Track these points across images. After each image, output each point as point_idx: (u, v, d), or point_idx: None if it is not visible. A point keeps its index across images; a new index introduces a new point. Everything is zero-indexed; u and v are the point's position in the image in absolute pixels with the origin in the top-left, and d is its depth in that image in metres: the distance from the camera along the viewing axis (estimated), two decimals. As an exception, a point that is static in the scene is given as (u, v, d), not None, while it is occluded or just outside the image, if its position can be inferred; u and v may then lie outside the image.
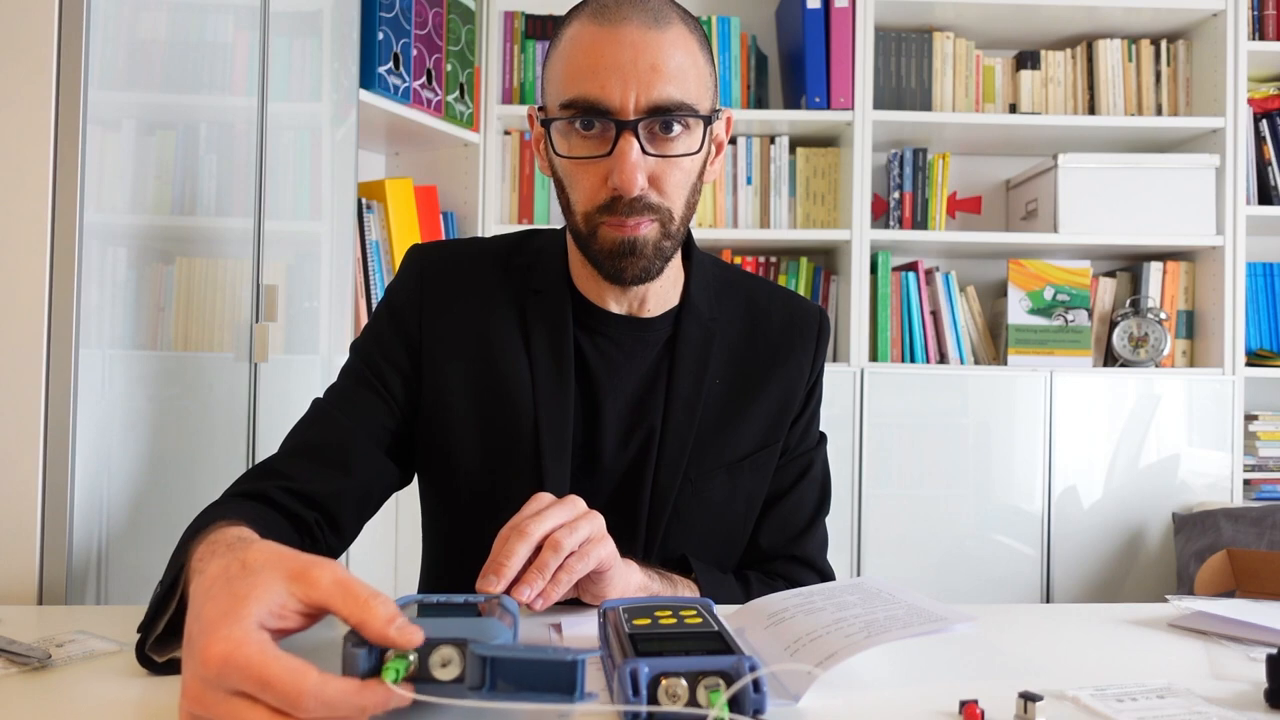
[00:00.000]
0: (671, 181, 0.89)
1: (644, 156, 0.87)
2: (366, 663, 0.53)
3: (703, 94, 0.90)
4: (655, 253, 0.91)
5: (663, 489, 0.96)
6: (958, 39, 2.48)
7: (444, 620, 0.57)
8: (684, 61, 0.87)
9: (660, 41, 0.86)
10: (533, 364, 0.96)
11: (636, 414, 0.98)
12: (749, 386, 1.01)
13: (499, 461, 0.96)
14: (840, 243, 2.43)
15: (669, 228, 0.91)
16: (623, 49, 0.85)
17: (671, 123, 0.87)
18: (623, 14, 0.86)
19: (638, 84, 0.85)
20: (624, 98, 0.85)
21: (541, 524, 0.74)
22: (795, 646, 0.66)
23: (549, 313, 0.98)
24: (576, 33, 0.88)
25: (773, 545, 1.03)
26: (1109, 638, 0.81)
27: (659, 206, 0.89)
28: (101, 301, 1.09)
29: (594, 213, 0.90)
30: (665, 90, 0.85)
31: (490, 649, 0.54)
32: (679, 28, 0.88)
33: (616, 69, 0.85)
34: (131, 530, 1.15)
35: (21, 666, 0.67)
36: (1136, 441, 2.35)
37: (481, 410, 0.97)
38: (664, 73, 0.85)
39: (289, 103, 1.53)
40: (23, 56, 1.03)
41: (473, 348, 0.98)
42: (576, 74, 0.87)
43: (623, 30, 0.85)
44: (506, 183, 2.45)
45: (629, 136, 0.85)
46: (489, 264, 1.02)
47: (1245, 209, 2.37)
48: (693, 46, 0.89)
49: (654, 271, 0.93)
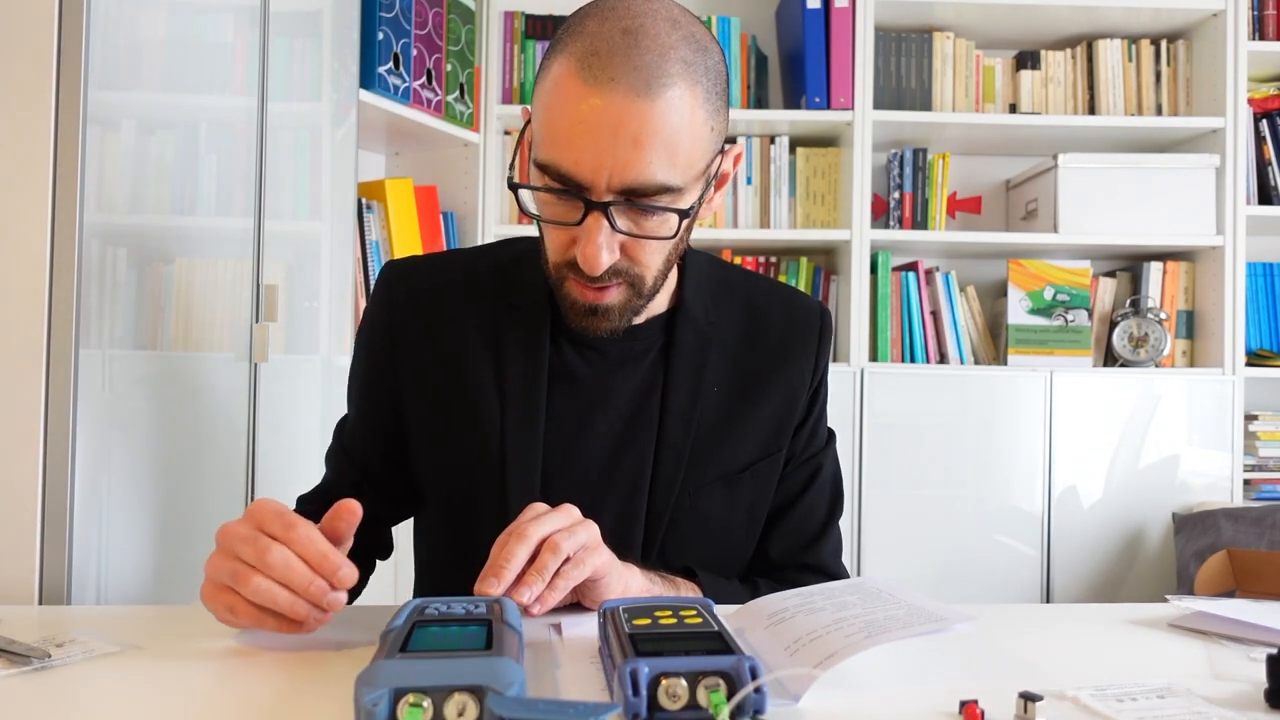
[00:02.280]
0: (646, 252, 0.83)
1: (614, 234, 0.80)
2: (382, 713, 0.53)
3: (696, 160, 0.80)
4: (624, 312, 0.87)
5: (659, 504, 0.93)
6: (958, 39, 2.48)
7: (457, 662, 0.56)
8: (674, 134, 0.77)
9: (647, 114, 0.75)
10: (503, 388, 0.93)
11: (630, 427, 0.94)
12: (749, 393, 0.97)
13: (468, 487, 0.95)
14: (840, 243, 2.43)
15: (640, 289, 0.86)
16: (603, 118, 0.75)
17: (646, 203, 0.79)
18: (610, 73, 0.75)
19: (613, 161, 0.76)
20: (596, 176, 0.77)
21: (539, 527, 0.74)
22: (795, 646, 0.66)
23: (525, 329, 0.94)
24: (561, 77, 0.78)
25: (784, 554, 1.00)
26: (1109, 638, 0.81)
27: (629, 272, 0.84)
28: (101, 301, 1.09)
29: (562, 266, 0.85)
30: (645, 171, 0.77)
31: (510, 707, 0.52)
32: (677, 87, 0.77)
33: (593, 141, 0.76)
34: (131, 530, 1.15)
35: (21, 666, 0.67)
36: (1136, 441, 2.35)
37: (450, 437, 0.95)
38: (646, 150, 0.76)
39: (289, 103, 1.53)
40: (23, 56, 1.03)
41: (444, 369, 0.96)
42: (552, 135, 0.79)
43: (607, 95, 0.75)
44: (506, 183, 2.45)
45: (598, 216, 0.79)
46: (462, 281, 0.99)
47: (1245, 209, 2.37)
48: (692, 106, 0.78)
49: (625, 326, 0.89)
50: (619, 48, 0.76)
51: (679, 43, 0.78)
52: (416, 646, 0.58)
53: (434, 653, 0.57)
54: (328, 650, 0.71)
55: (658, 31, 0.77)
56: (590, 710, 0.52)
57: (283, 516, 0.70)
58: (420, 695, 0.53)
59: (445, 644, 0.59)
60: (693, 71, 0.78)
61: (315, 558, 0.69)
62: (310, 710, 0.60)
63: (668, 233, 0.82)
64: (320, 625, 0.71)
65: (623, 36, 0.76)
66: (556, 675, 0.67)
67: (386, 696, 0.53)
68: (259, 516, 0.71)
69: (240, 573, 0.69)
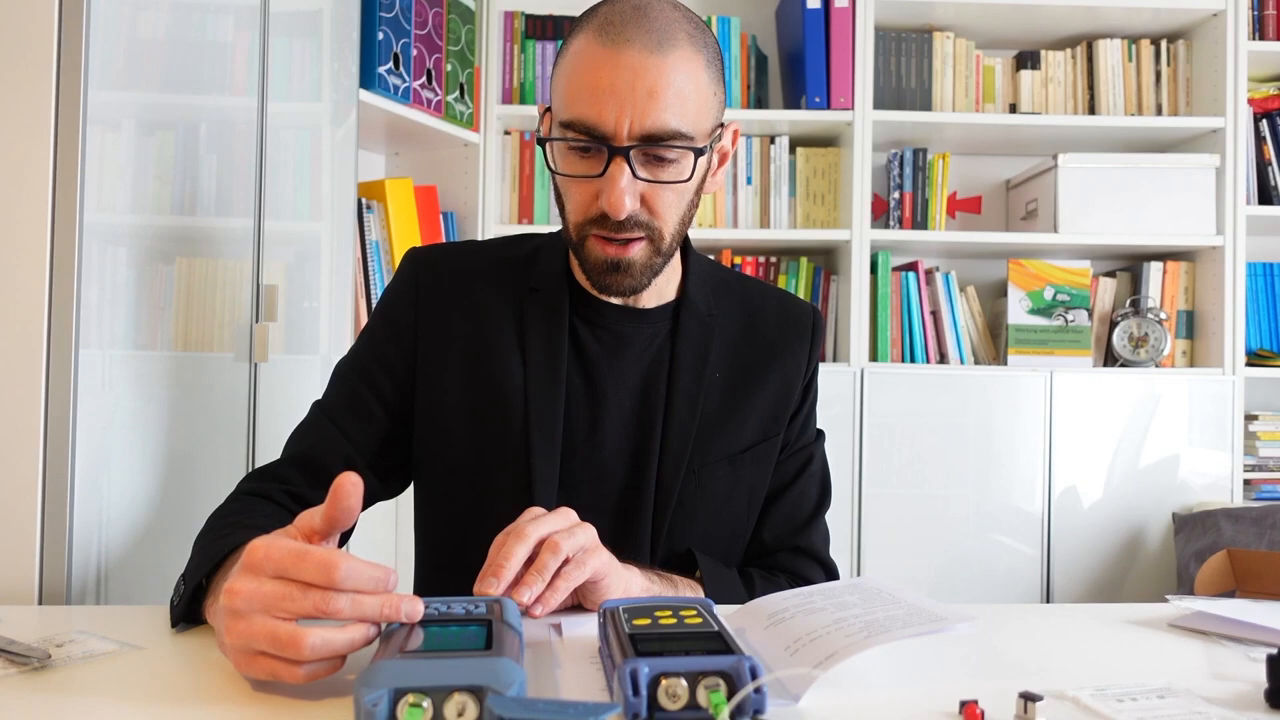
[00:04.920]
0: (663, 203, 0.90)
1: (635, 181, 0.88)
2: (382, 713, 0.53)
3: (703, 117, 0.89)
4: (644, 270, 0.93)
5: (666, 480, 0.98)
6: (958, 39, 2.48)
7: (457, 662, 0.56)
8: (685, 86, 0.87)
9: (660, 67, 0.85)
10: (526, 360, 0.98)
11: (639, 404, 0.99)
12: (748, 380, 1.03)
13: (490, 455, 0.97)
14: (840, 243, 2.43)
15: (659, 245, 0.92)
16: (621, 73, 0.85)
17: (664, 150, 0.87)
18: (626, 35, 0.86)
19: (633, 110, 0.85)
20: (618, 123, 0.85)
21: (539, 527, 0.76)
22: (795, 646, 0.66)
23: (545, 308, 1.00)
24: (581, 48, 0.88)
25: (776, 538, 1.05)
26: (1109, 638, 0.81)
27: (649, 225, 0.91)
28: (101, 301, 1.09)
29: (584, 224, 0.91)
30: (661, 118, 0.85)
31: (510, 707, 0.52)
32: (684, 49, 0.87)
33: (613, 94, 0.85)
34: (131, 530, 1.15)
35: (21, 666, 0.67)
36: (1136, 441, 2.35)
37: (474, 408, 0.98)
38: (661, 99, 0.85)
39: (289, 103, 1.53)
40: (23, 56, 1.04)
41: (468, 349, 0.99)
42: (575, 95, 0.87)
43: (624, 53, 0.85)
44: (506, 183, 2.45)
45: (620, 162, 0.86)
46: (485, 266, 1.04)
47: (1245, 209, 2.37)
48: (697, 68, 0.88)
49: (644, 286, 0.95)
50: (631, 18, 0.87)
51: (682, 19, 0.89)
52: (416, 646, 0.58)
53: (434, 653, 0.57)
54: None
55: (663, 9, 0.89)
56: (590, 710, 0.52)
57: (308, 556, 0.61)
58: (420, 695, 0.53)
59: (445, 644, 0.59)
60: (695, 42, 0.89)
61: (370, 584, 0.61)
62: (310, 710, 0.60)
63: (683, 177, 0.90)
64: None
65: (634, 11, 0.88)
66: (556, 675, 0.67)
67: (386, 696, 0.53)
68: (276, 564, 0.61)
69: (297, 636, 0.59)
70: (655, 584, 0.88)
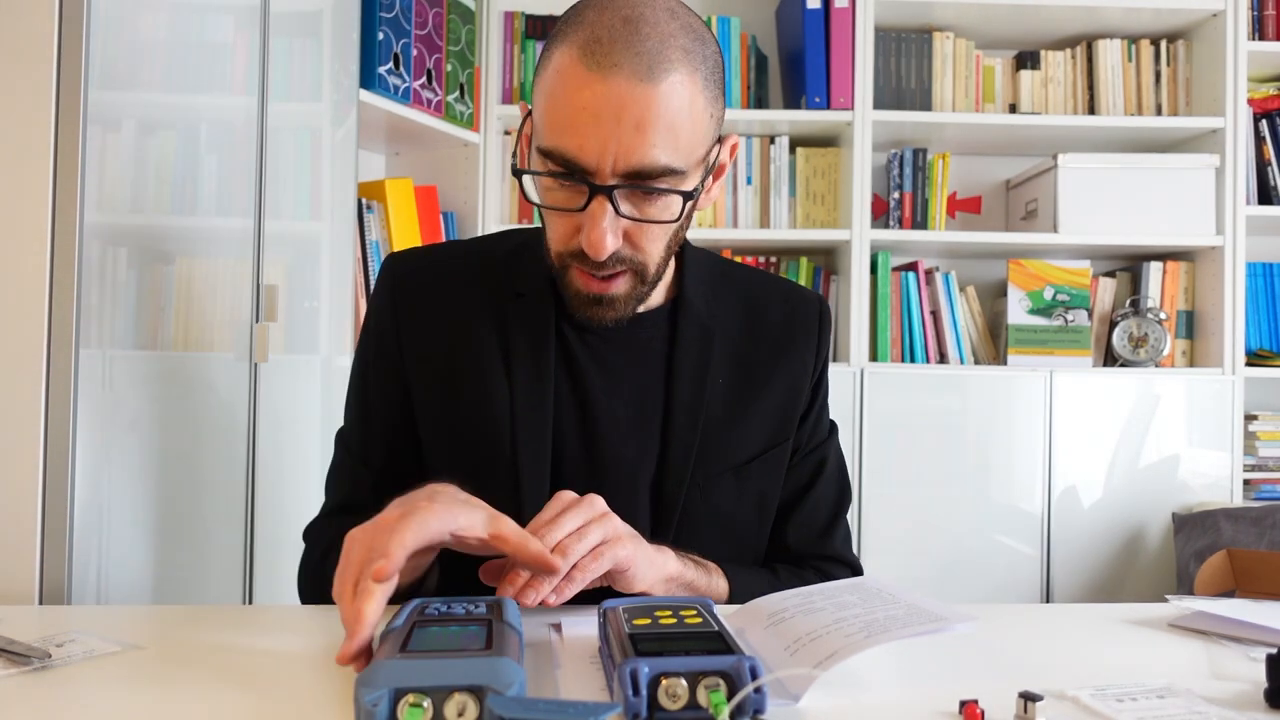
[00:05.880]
0: (648, 238, 0.84)
1: (618, 219, 0.80)
2: (382, 713, 0.53)
3: (697, 144, 0.81)
4: (628, 301, 0.88)
5: (668, 496, 0.93)
6: (958, 39, 2.48)
7: (457, 662, 0.56)
8: (676, 116, 0.78)
9: (650, 96, 0.76)
10: (511, 374, 0.92)
11: (636, 417, 0.94)
12: (752, 385, 0.97)
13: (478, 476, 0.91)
14: (840, 243, 2.43)
15: (645, 276, 0.87)
16: (607, 103, 0.76)
17: (652, 183, 0.80)
18: (614, 59, 0.76)
19: (618, 144, 0.77)
20: (601, 159, 0.78)
21: (552, 533, 0.74)
22: (795, 646, 0.66)
23: (531, 316, 0.94)
24: (564, 65, 0.79)
25: (800, 546, 1.00)
26: (1109, 638, 0.81)
27: (633, 260, 0.84)
28: (101, 301, 1.09)
29: (565, 255, 0.86)
30: (649, 154, 0.78)
31: (510, 707, 0.52)
32: (677, 73, 0.78)
33: (596, 126, 0.77)
34: (131, 530, 1.15)
35: (21, 666, 0.67)
36: (1136, 441, 2.35)
37: (459, 426, 0.94)
38: (649, 133, 0.77)
39: (289, 103, 1.53)
40: (23, 56, 1.04)
41: (451, 363, 0.95)
42: (555, 122, 0.79)
43: (610, 80, 0.76)
44: (506, 183, 2.45)
45: (602, 200, 0.79)
46: (466, 270, 0.98)
47: (1245, 209, 2.37)
48: (692, 91, 0.79)
49: (629, 316, 0.89)
50: (620, 35, 0.77)
51: (678, 31, 0.79)
52: (416, 646, 0.58)
53: (434, 653, 0.57)
54: (328, 650, 0.71)
55: (657, 20, 0.79)
56: (590, 710, 0.52)
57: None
58: (420, 695, 0.53)
59: (445, 644, 0.59)
60: (692, 59, 0.80)
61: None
62: (310, 710, 0.60)
63: (670, 217, 0.83)
64: None
65: (623, 24, 0.78)
66: (556, 675, 0.67)
67: (386, 696, 0.53)
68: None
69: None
70: (689, 569, 0.85)
